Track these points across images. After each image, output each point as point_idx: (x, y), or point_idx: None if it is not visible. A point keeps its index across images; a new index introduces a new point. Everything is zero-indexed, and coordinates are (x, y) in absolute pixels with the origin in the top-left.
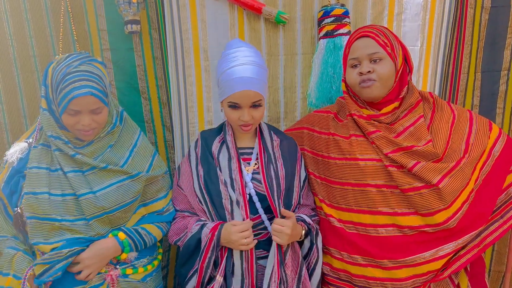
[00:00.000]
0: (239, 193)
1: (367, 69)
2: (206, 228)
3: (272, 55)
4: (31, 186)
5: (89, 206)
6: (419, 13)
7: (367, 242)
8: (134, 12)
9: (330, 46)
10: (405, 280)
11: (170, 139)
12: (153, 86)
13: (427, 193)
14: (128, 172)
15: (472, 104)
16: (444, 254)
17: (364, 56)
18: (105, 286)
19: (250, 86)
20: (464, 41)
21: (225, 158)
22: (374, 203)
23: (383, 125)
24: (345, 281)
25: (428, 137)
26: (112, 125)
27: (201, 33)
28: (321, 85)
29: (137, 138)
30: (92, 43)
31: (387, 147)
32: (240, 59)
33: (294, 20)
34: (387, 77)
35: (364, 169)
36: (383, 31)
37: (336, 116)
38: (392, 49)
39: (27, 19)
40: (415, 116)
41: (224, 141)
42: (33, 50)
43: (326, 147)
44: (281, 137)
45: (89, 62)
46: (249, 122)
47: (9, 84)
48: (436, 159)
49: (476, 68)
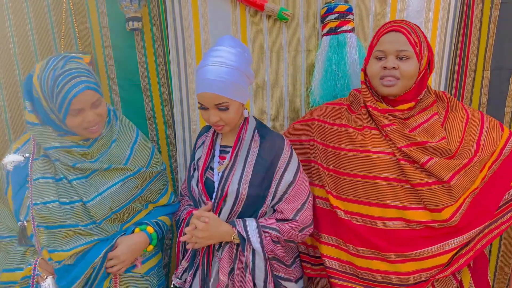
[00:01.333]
0: (200, 189)
1: (392, 64)
2: (185, 210)
3: (276, 52)
4: (40, 196)
5: (98, 209)
6: (422, 10)
7: (374, 235)
8: (136, 9)
9: (333, 43)
10: (410, 274)
11: (172, 136)
12: (155, 83)
13: (437, 189)
14: (130, 169)
15: (480, 103)
16: (449, 249)
17: (392, 50)
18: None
19: (211, 88)
20: (470, 38)
21: (199, 154)
22: (383, 196)
23: (397, 120)
24: (350, 274)
25: (442, 134)
26: (108, 118)
27: (202, 31)
28: (325, 83)
29: (136, 135)
30: (94, 40)
31: (401, 141)
32: (209, 59)
33: (297, 17)
34: (409, 76)
35: (375, 161)
36: (415, 29)
37: (349, 107)
38: (421, 49)
39: (29, 16)
40: (429, 114)
41: (205, 137)
42: (34, 47)
43: (338, 138)
44: (266, 138)
45: (71, 60)
46: (218, 123)
47: (10, 81)
48: (449, 156)
49: (484, 65)
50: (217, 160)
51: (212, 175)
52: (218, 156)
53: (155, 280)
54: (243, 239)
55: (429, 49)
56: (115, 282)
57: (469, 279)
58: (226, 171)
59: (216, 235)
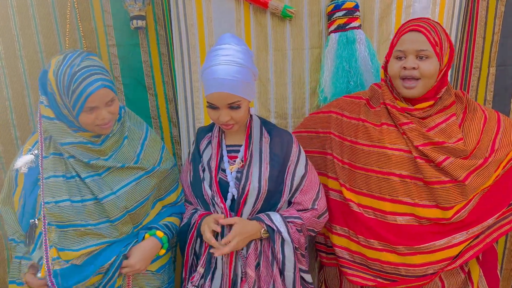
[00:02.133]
0: (215, 191)
1: (412, 64)
2: (196, 214)
3: (279, 50)
4: (51, 195)
5: (112, 207)
6: (429, 7)
7: (384, 228)
8: (140, 7)
9: (343, 40)
10: (419, 266)
11: (177, 135)
12: (159, 82)
13: (451, 188)
14: (144, 168)
15: (485, 100)
16: (458, 242)
17: (411, 50)
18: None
19: (223, 88)
20: (475, 34)
21: (208, 155)
22: (396, 192)
23: (415, 119)
24: (360, 264)
25: (459, 135)
26: (119, 116)
27: (206, 29)
28: (337, 80)
29: (146, 131)
30: (99, 38)
31: (418, 140)
32: (219, 58)
33: (301, 15)
34: (430, 76)
35: (391, 157)
36: (436, 28)
37: (368, 102)
38: (441, 48)
39: (34, 15)
40: (447, 114)
41: (211, 138)
42: (39, 46)
43: (355, 132)
44: (274, 134)
45: (87, 57)
46: (228, 123)
47: (16, 81)
48: (464, 156)
49: (490, 62)
50: (227, 160)
51: (225, 176)
52: (227, 156)
53: (166, 278)
54: (272, 231)
55: (450, 47)
56: (128, 280)
57: (478, 272)
58: (245, 170)
59: (248, 236)
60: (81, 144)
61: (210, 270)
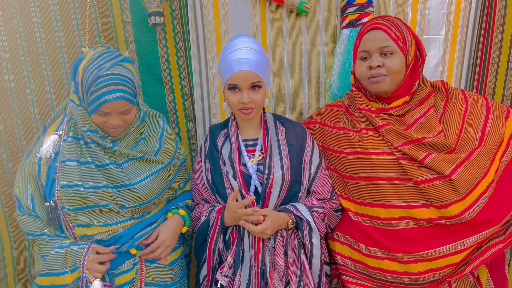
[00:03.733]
0: (239, 183)
1: (377, 63)
2: (214, 211)
3: (295, 45)
4: (67, 179)
5: (128, 197)
6: (445, 1)
7: (383, 235)
8: (158, 4)
9: (353, 35)
10: (421, 274)
11: (193, 129)
12: (176, 77)
13: (440, 185)
14: (162, 161)
15: (503, 95)
16: (463, 248)
17: (374, 49)
18: (134, 271)
19: (247, 66)
20: (493, 29)
21: (228, 150)
22: (387, 197)
23: (393, 118)
24: (362, 274)
25: (439, 128)
26: (140, 119)
27: (223, 24)
28: (343, 75)
29: (163, 127)
30: (117, 35)
31: (397, 140)
32: (238, 44)
33: (317, 10)
34: (397, 71)
35: (376, 162)
36: (395, 23)
37: (347, 110)
38: (404, 42)
39: (55, 12)
40: (426, 107)
41: (228, 134)
42: (60, 42)
43: (337, 141)
44: (288, 126)
45: (119, 64)
46: (249, 105)
47: (38, 76)
48: (449, 150)
49: (509, 57)
50: (245, 155)
51: (246, 170)
52: (245, 150)
53: (178, 271)
54: (300, 221)
55: (415, 39)
56: (141, 272)
57: (487, 275)
58: (267, 160)
59: (277, 226)
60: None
61: (239, 261)
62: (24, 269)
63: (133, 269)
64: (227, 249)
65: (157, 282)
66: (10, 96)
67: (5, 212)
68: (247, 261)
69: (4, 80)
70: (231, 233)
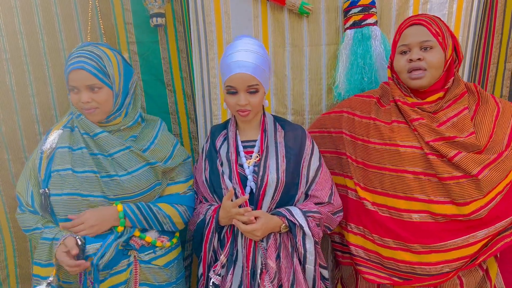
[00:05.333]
0: (235, 183)
1: (417, 56)
2: (210, 210)
3: (297, 46)
4: (55, 165)
5: (112, 187)
6: (446, 2)
7: (400, 227)
8: (159, 5)
9: (358, 36)
10: (434, 265)
11: (194, 130)
12: (177, 78)
13: (465, 183)
14: (147, 159)
15: (501, 96)
16: (475, 241)
17: (415, 43)
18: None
19: (244, 69)
20: (494, 30)
21: (225, 150)
22: (410, 189)
23: (426, 114)
24: (376, 263)
25: (471, 129)
26: (134, 120)
27: (224, 25)
28: (352, 77)
29: (158, 130)
30: (119, 36)
31: (429, 135)
32: (239, 46)
33: (318, 11)
34: (437, 66)
35: (403, 155)
36: (435, 20)
37: (378, 101)
38: (443, 38)
39: (57, 13)
40: (459, 107)
41: (227, 134)
42: (62, 43)
43: (366, 131)
44: (287, 128)
45: (95, 45)
46: (246, 108)
47: (39, 77)
48: (478, 150)
49: (506, 58)
50: (243, 156)
51: (242, 170)
52: (243, 151)
53: (174, 273)
54: (294, 226)
55: (452, 37)
56: (135, 273)
57: (496, 269)
58: (262, 162)
59: (268, 229)
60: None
61: (232, 261)
62: (27, 270)
63: (128, 269)
64: (222, 248)
65: (152, 283)
66: (11, 97)
67: (7, 213)
68: (240, 261)
69: (5, 81)
70: (225, 233)
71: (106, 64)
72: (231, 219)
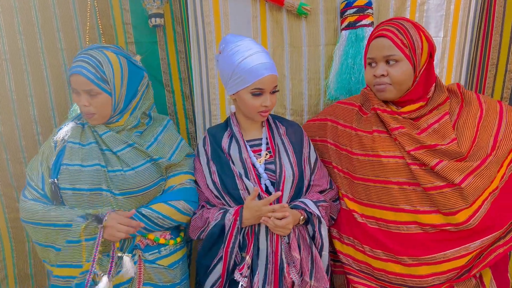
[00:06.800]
0: (254, 182)
1: (380, 72)
2: (229, 213)
3: (295, 46)
4: (65, 159)
5: (118, 182)
6: (443, 3)
7: (388, 238)
8: (158, 5)
9: (352, 37)
10: (425, 277)
11: (193, 131)
12: (176, 79)
13: (449, 192)
14: (151, 155)
15: (502, 97)
16: (467, 253)
17: (379, 57)
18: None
19: (271, 70)
20: (492, 31)
21: (236, 150)
22: (396, 200)
23: (407, 121)
24: (367, 274)
25: (452, 135)
26: (137, 121)
27: (223, 26)
28: (341, 76)
29: (163, 128)
30: (117, 36)
31: (409, 145)
32: (253, 47)
33: (317, 12)
34: (401, 81)
35: (386, 166)
36: (404, 28)
37: (360, 109)
38: (412, 49)
39: (55, 14)
40: (441, 113)
41: (232, 134)
42: (60, 44)
43: (349, 141)
44: (286, 124)
45: (100, 49)
46: (268, 108)
47: (37, 77)
48: (460, 157)
49: (508, 59)
50: (252, 155)
51: (255, 169)
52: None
53: (179, 273)
54: (311, 216)
55: (428, 42)
56: (139, 272)
57: (490, 276)
58: (276, 159)
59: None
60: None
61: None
62: (25, 270)
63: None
64: (241, 250)
65: (156, 283)
66: (10, 98)
67: (6, 213)
68: (262, 259)
69: (4, 82)
70: (246, 234)
71: (106, 70)
72: (259, 218)
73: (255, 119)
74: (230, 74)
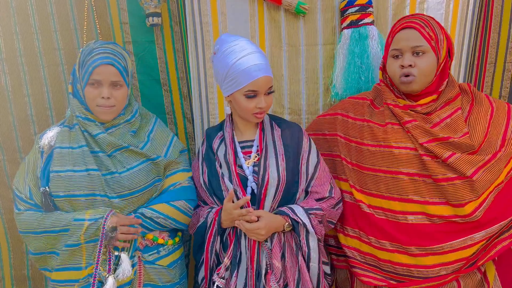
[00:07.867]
0: (236, 184)
1: (408, 62)
2: (211, 213)
3: (293, 46)
4: (55, 165)
5: (113, 184)
6: (443, 2)
7: (396, 229)
8: (155, 4)
9: (355, 36)
10: (431, 267)
11: (191, 130)
12: (174, 78)
13: (459, 184)
14: (148, 155)
15: (500, 96)
16: (473, 243)
17: (407, 48)
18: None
19: (267, 72)
20: (490, 30)
21: (223, 152)
22: (405, 191)
23: (419, 115)
24: (372, 266)
25: (465, 129)
26: (132, 115)
27: (221, 25)
28: (349, 76)
29: (154, 125)
30: (115, 36)
31: (422, 137)
32: (247, 48)
33: (315, 11)
34: (428, 72)
35: (397, 157)
36: (429, 22)
37: (372, 103)
38: (437, 42)
39: (52, 13)
40: (453, 108)
41: (223, 136)
42: (58, 43)
43: (360, 133)
44: (283, 126)
45: (116, 44)
46: (263, 110)
47: (35, 77)
48: (472, 151)
49: (506, 57)
50: (241, 156)
51: (242, 171)
52: (241, 152)
53: (178, 273)
54: (297, 224)
55: (447, 39)
56: (139, 273)
57: (494, 272)
58: (262, 161)
59: (272, 228)
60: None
61: (236, 263)
62: (21, 271)
63: (132, 269)
64: (225, 251)
65: (156, 283)
66: (7, 98)
67: (2, 214)
68: (244, 263)
69: (1, 82)
70: (228, 235)
71: (128, 63)
72: (233, 221)
73: (250, 121)
74: (224, 75)
